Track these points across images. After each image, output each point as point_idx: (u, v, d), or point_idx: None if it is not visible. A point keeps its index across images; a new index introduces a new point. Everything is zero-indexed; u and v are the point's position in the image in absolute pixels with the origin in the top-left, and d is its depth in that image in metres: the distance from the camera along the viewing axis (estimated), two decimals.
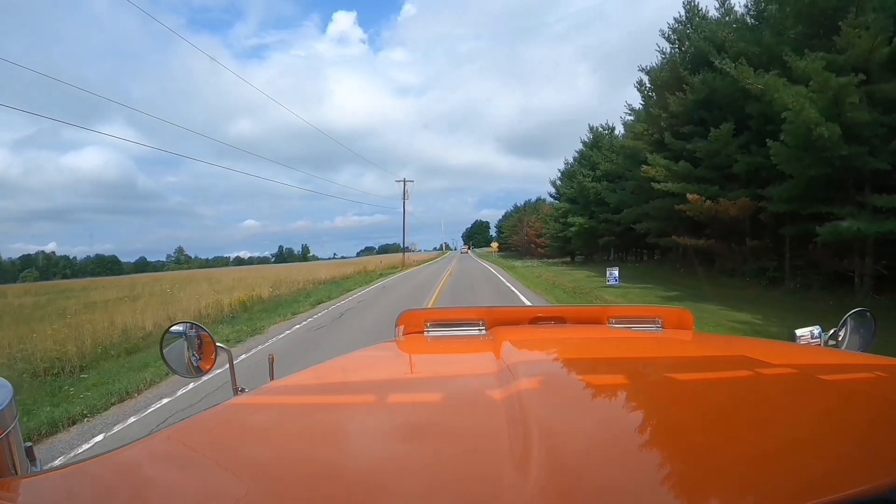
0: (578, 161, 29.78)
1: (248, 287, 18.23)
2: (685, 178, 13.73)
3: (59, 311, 13.94)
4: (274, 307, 13.41)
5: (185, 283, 22.80)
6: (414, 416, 0.65)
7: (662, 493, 0.42)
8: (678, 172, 13.78)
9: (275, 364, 1.18)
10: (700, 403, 0.65)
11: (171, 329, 1.19)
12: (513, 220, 69.25)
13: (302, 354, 6.52)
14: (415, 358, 1.12)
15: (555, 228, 34.75)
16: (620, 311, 1.52)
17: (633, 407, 0.67)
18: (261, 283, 19.31)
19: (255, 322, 10.22)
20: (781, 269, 12.67)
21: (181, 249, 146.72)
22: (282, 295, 16.21)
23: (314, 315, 11.10)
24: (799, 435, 0.54)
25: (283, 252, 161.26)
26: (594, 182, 25.18)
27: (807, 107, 8.55)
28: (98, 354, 8.01)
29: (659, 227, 17.02)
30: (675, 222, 15.44)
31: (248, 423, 0.68)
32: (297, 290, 18.16)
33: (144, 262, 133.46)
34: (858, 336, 1.14)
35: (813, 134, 8.64)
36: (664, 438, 0.55)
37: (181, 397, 5.24)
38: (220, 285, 20.54)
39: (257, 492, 0.47)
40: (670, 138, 14.63)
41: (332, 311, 11.64)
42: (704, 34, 14.46)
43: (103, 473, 0.54)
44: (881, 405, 0.61)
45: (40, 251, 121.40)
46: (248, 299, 14.64)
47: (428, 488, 0.45)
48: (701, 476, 0.44)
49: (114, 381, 5.92)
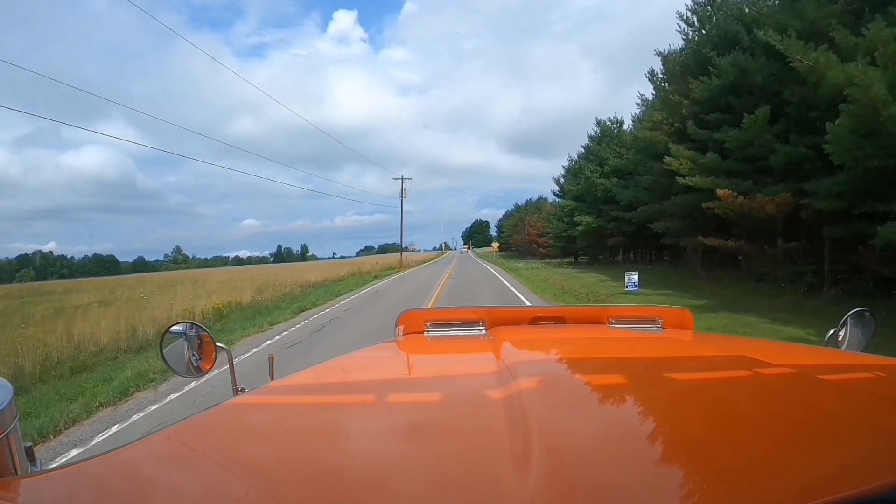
0: (585, 157, 28.16)
1: (232, 291, 17.12)
2: (712, 171, 12.25)
3: (24, 318, 12.71)
4: (252, 315, 12.05)
5: (171, 285, 21.86)
6: (414, 416, 0.65)
7: (662, 493, 0.41)
8: (705, 165, 12.28)
9: (275, 364, 1.16)
10: (700, 403, 0.66)
11: (171, 329, 1.18)
12: (514, 219, 67.96)
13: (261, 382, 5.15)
14: (415, 358, 1.12)
15: (558, 228, 33.43)
16: (620, 311, 1.53)
17: (633, 407, 0.66)
18: (246, 287, 18.29)
19: (226, 335, 8.91)
20: (820, 274, 11.25)
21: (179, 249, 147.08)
22: (264, 300, 14.85)
23: (293, 326, 9.69)
24: (799, 435, 0.53)
25: (281, 252, 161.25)
26: (602, 178, 23.61)
27: (875, 82, 7.14)
28: (38, 375, 6.73)
29: (678, 226, 15.52)
30: (697, 221, 13.99)
31: (248, 423, 0.68)
32: (283, 294, 16.84)
33: (143, 261, 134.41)
34: (858, 336, 1.13)
35: (880, 116, 7.25)
36: (664, 438, 0.55)
37: (97, 446, 3.98)
38: (204, 288, 19.64)
39: (257, 491, 0.47)
40: (694, 127, 13.16)
41: (312, 321, 10.22)
42: (731, 12, 13.07)
43: (103, 473, 0.54)
44: (881, 405, 0.61)
45: (38, 251, 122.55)
46: (226, 306, 13.30)
47: (428, 488, 0.45)
48: (701, 476, 0.44)
49: (40, 414, 4.75)
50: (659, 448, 0.51)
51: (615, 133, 25.66)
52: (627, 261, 25.13)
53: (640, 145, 17.96)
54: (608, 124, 26.46)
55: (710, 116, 13.15)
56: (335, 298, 14.68)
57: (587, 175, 24.91)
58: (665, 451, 0.50)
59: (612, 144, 24.20)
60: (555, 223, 34.85)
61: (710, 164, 12.19)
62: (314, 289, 18.70)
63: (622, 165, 22.20)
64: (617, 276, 15.99)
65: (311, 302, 13.97)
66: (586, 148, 28.36)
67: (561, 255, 36.83)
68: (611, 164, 23.25)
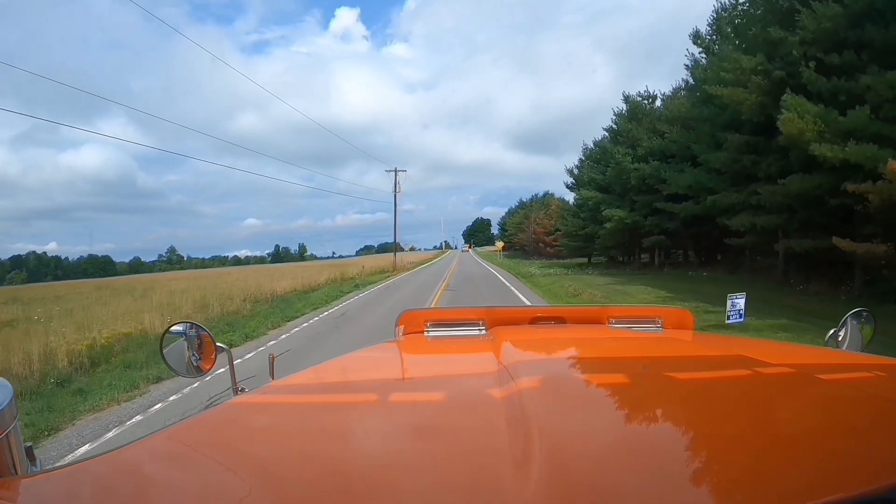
0: (611, 139, 23.60)
1: (171, 306, 13.20)
2: (849, 135, 7.92)
3: None
4: (153, 353, 7.93)
5: (129, 293, 18.97)
6: (414, 416, 0.65)
7: (662, 493, 0.41)
8: (843, 128, 7.91)
9: (275, 364, 1.16)
10: (700, 403, 0.66)
11: (171, 329, 1.17)
12: (518, 216, 63.68)
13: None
14: (415, 358, 1.12)
15: (574, 225, 29.09)
16: (620, 311, 1.51)
17: (633, 407, 0.65)
18: (194, 300, 14.42)
19: (68, 409, 5.13)
20: None
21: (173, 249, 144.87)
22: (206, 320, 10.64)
23: (189, 386, 5.51)
24: (799, 435, 0.54)
25: (279, 251, 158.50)
26: (637, 163, 19.15)
27: None
28: None
29: (773, 221, 10.97)
30: (813, 213, 9.61)
31: (248, 423, 0.68)
32: (230, 312, 12.66)
33: (139, 262, 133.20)
34: (858, 336, 1.12)
35: None
36: (664, 438, 0.55)
37: None
38: (146, 300, 15.97)
39: (258, 491, 0.47)
40: (812, 74, 8.83)
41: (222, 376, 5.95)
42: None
43: (104, 473, 0.54)
44: (881, 405, 0.61)
45: (31, 251, 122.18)
46: (120, 338, 9.05)
47: (428, 489, 0.45)
48: (701, 476, 0.44)
49: None
50: (659, 448, 0.51)
51: (647, 109, 21.17)
52: (665, 265, 20.67)
53: (702, 113, 13.57)
54: (638, 100, 21.89)
55: (830, 58, 8.84)
56: (286, 324, 10.36)
57: (618, 159, 20.23)
58: (665, 451, 0.50)
59: (648, 122, 19.70)
60: (569, 220, 30.46)
61: (853, 125, 7.79)
62: (275, 303, 14.52)
63: (663, 146, 17.76)
64: (675, 290, 11.70)
65: (254, 328, 9.79)
66: (610, 131, 23.85)
67: (573, 255, 32.91)
68: (645, 145, 18.77)
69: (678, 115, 16.67)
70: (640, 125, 20.24)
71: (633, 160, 19.29)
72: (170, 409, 5.08)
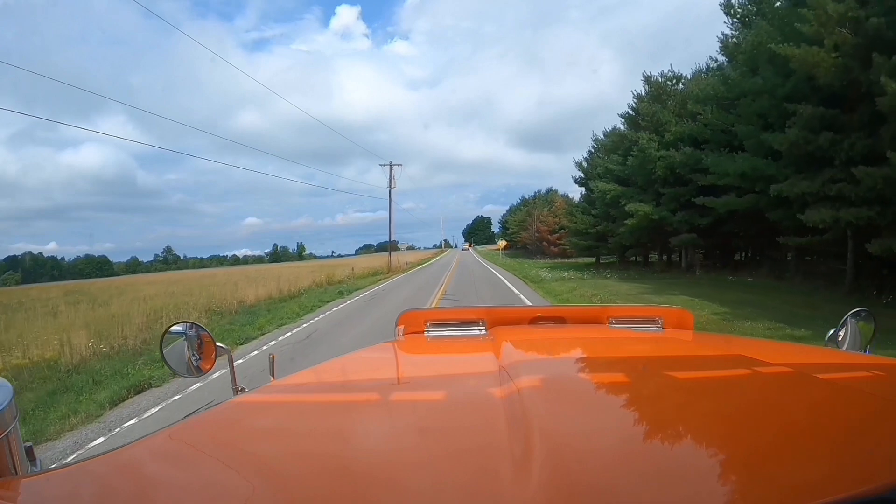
0: (629, 125, 21.12)
1: (118, 318, 10.99)
2: None
3: None
4: (52, 393, 5.78)
5: (89, 301, 16.92)
6: (414, 415, 0.65)
7: (662, 493, 0.41)
8: None
9: (275, 363, 1.14)
10: (700, 403, 0.65)
11: (171, 329, 1.17)
12: (521, 214, 61.21)
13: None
14: (415, 358, 1.13)
15: (584, 223, 26.65)
16: (620, 311, 1.51)
17: (632, 407, 0.66)
18: (142, 312, 12.29)
19: None
20: None
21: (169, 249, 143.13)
22: (119, 350, 8.34)
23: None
24: (799, 435, 0.53)
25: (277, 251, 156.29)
26: (663, 150, 16.58)
27: None
28: None
29: (865, 215, 8.43)
30: None
31: (248, 422, 0.68)
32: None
33: (136, 262, 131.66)
34: (858, 336, 1.10)
35: None
36: (664, 438, 0.54)
37: None
38: (98, 312, 14.05)
39: (259, 490, 0.46)
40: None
41: None
42: None
43: (104, 473, 0.54)
44: (881, 405, 0.61)
45: (27, 252, 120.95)
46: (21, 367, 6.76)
47: (429, 488, 0.45)
48: (701, 476, 0.45)
49: None
50: (658, 448, 0.51)
51: (672, 91, 18.68)
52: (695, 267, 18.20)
53: (754, 85, 11.10)
54: (660, 81, 19.40)
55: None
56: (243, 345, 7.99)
57: (641, 146, 17.63)
58: (664, 450, 0.51)
59: (675, 104, 17.20)
60: (578, 216, 28.04)
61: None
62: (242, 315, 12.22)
63: (694, 131, 15.31)
64: (728, 302, 9.35)
65: (144, 377, 6.45)
66: (626, 117, 21.35)
67: (580, 255, 30.71)
68: (675, 130, 16.28)
69: (712, 95, 14.26)
70: (664, 108, 17.78)
71: (658, 147, 16.81)
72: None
